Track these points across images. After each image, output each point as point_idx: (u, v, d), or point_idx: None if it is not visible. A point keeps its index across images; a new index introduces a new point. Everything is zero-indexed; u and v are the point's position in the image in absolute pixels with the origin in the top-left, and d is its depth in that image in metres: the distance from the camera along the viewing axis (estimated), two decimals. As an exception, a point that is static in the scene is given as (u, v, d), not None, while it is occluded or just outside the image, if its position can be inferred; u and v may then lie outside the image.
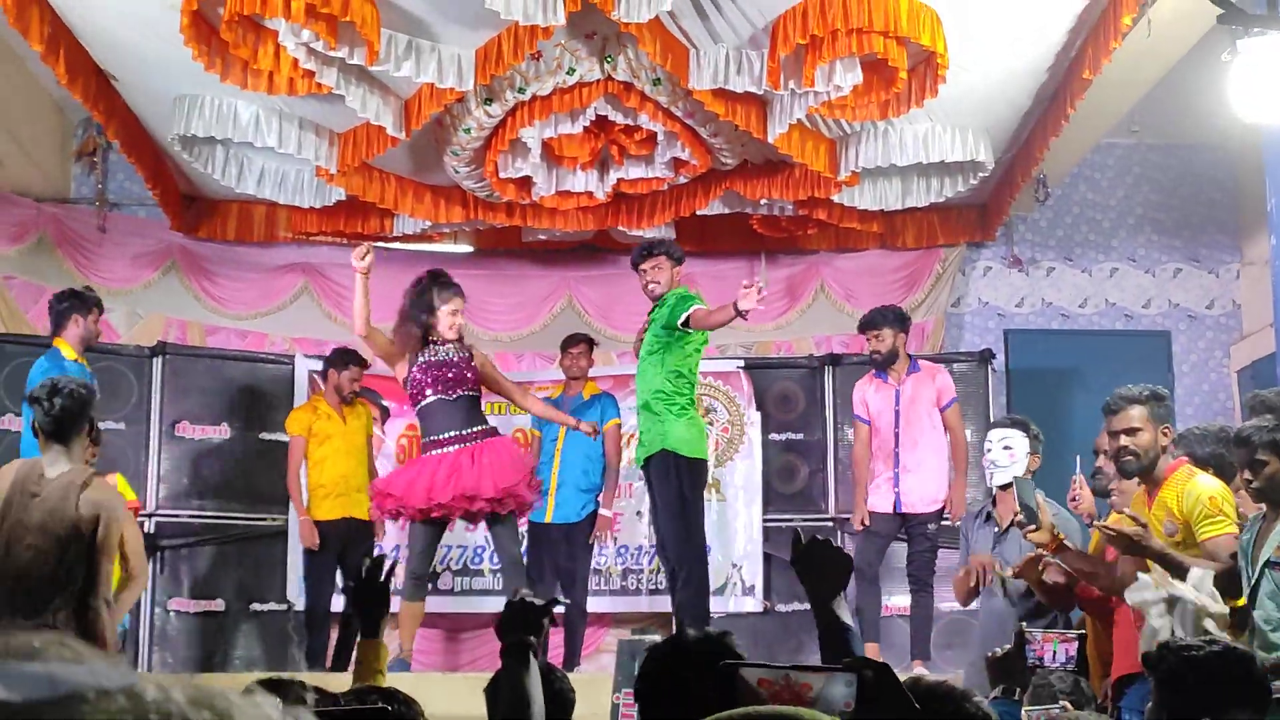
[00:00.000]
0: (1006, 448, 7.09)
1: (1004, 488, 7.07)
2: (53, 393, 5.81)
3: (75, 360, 8.06)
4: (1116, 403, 5.73)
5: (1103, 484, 6.68)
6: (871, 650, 8.40)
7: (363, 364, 9.05)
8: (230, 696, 0.62)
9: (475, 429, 7.78)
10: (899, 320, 8.72)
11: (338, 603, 8.85)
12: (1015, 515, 6.12)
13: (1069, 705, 4.65)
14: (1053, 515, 6.07)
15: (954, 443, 8.66)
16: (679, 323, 7.56)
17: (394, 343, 7.87)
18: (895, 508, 8.58)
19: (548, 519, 8.87)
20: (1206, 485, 5.50)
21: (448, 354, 7.81)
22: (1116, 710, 5.73)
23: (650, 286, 7.85)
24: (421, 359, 7.77)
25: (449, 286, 7.94)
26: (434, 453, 7.75)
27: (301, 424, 8.94)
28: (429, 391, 7.76)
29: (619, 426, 9.14)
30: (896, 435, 8.60)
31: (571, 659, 8.57)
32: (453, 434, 7.73)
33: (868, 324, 8.72)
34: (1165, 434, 5.66)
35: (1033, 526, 5.88)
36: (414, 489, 7.66)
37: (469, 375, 7.80)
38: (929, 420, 8.62)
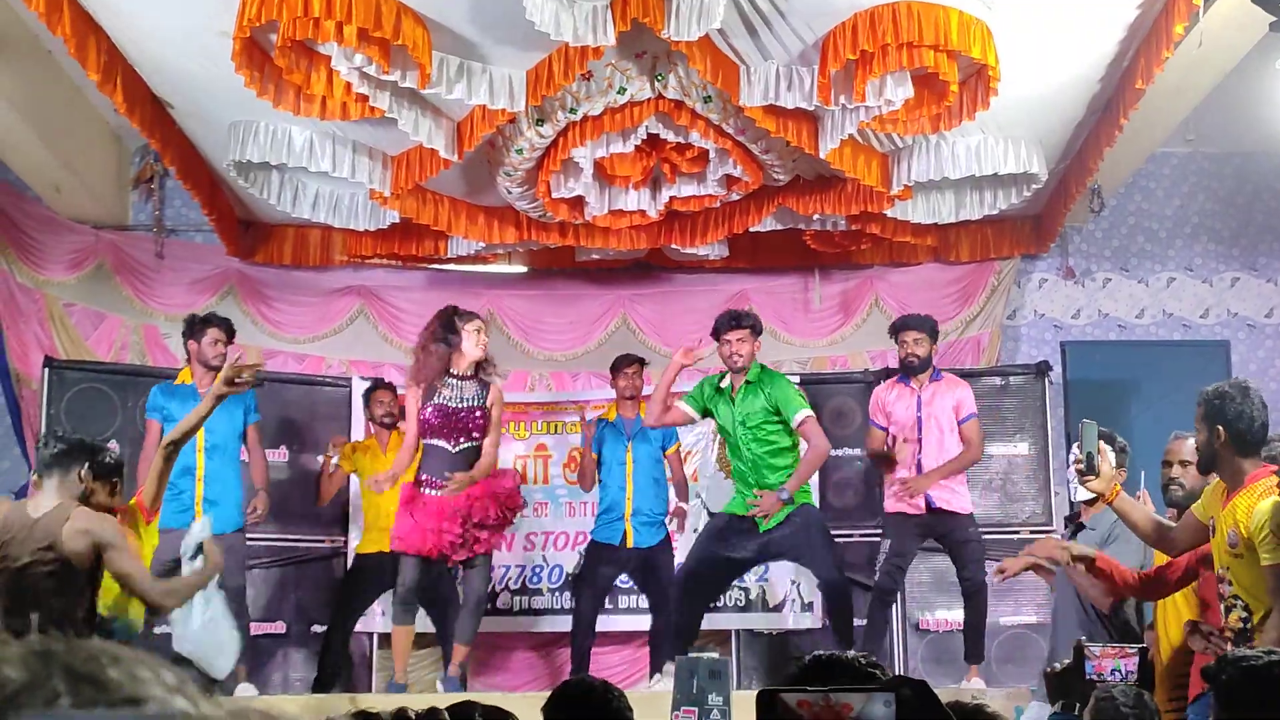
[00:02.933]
0: None
1: (1088, 502, 6.93)
2: (54, 439, 6.18)
3: (184, 383, 8.52)
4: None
5: (1176, 495, 6.55)
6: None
7: (391, 390, 9.19)
8: None
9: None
10: (934, 328, 8.81)
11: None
12: (1076, 463, 6.01)
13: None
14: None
15: (966, 451, 8.58)
16: (796, 427, 8.11)
17: (414, 375, 8.16)
18: (928, 505, 8.49)
19: (628, 544, 8.87)
20: (1274, 508, 5.38)
21: (463, 399, 8.03)
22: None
23: (734, 359, 8.17)
24: (438, 399, 8.00)
25: (469, 313, 8.25)
26: (427, 492, 7.99)
27: (347, 466, 9.34)
28: (435, 438, 8.02)
29: (680, 448, 9.28)
30: (920, 441, 8.54)
31: (658, 665, 8.62)
32: (441, 480, 7.95)
33: (905, 327, 8.69)
34: (1219, 434, 5.59)
35: (1091, 476, 5.78)
36: (419, 534, 7.91)
37: (477, 422, 8.02)
38: (949, 429, 8.58)
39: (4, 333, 10.29)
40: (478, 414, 8.04)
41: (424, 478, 8.04)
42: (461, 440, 8.02)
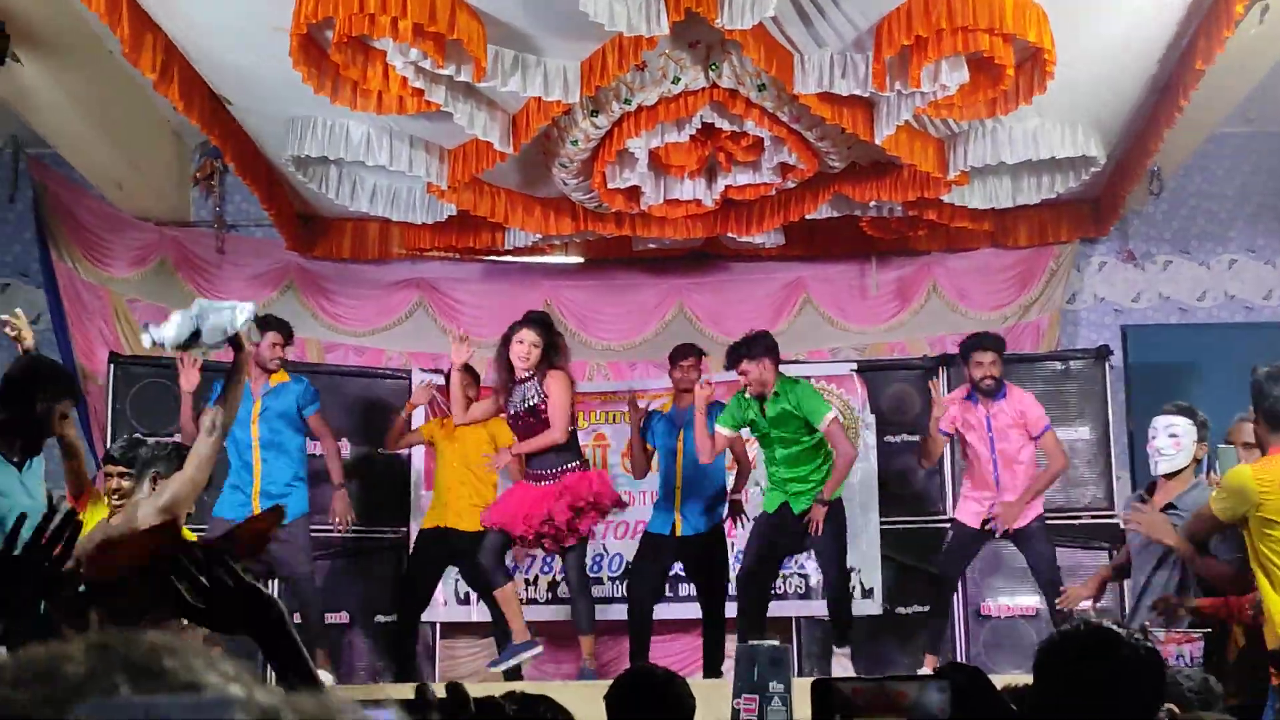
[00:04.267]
0: (1172, 435, 6.76)
1: (1168, 476, 6.84)
2: (133, 444, 6.03)
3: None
4: (1243, 414, 5.70)
5: None
6: (929, 663, 8.46)
7: (470, 372, 9.29)
8: (347, 717, 0.63)
9: (558, 469, 8.36)
10: (1004, 345, 8.89)
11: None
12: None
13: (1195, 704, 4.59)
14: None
15: (1051, 465, 8.66)
16: (822, 432, 8.30)
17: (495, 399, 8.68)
18: (982, 525, 8.60)
19: (676, 532, 8.89)
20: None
21: (524, 400, 8.38)
22: None
23: (754, 387, 8.35)
24: (510, 407, 8.46)
25: (523, 321, 8.52)
26: (529, 481, 8.45)
27: (425, 432, 9.54)
28: (516, 439, 8.54)
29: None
30: (994, 460, 8.58)
31: (713, 666, 8.72)
32: (540, 471, 8.36)
33: (980, 347, 8.66)
34: (1259, 415, 5.58)
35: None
36: (512, 517, 8.34)
37: (540, 417, 8.32)
38: (1021, 445, 8.60)
39: (70, 330, 10.41)
40: (538, 409, 8.30)
41: (529, 471, 8.53)
42: (524, 438, 8.41)
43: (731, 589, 9.14)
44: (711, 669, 8.70)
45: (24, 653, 0.63)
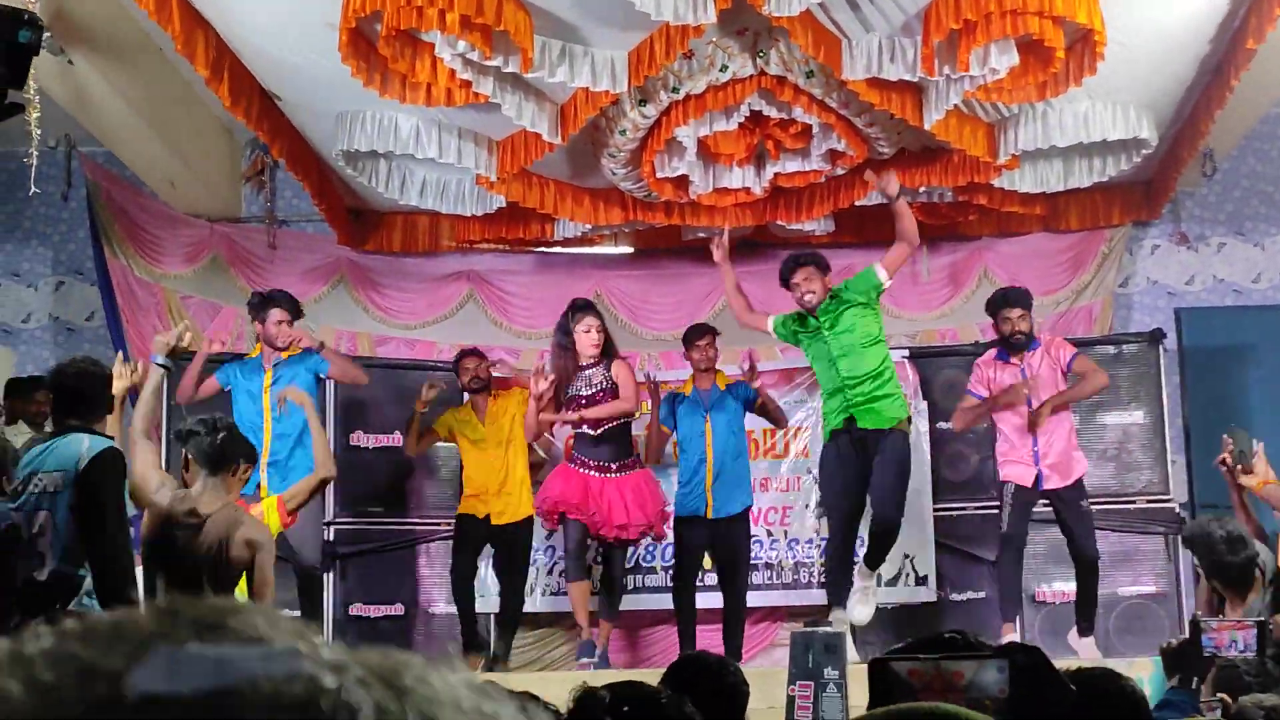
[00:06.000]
0: None
1: None
2: (213, 429, 6.02)
3: (255, 356, 8.74)
4: None
5: None
6: (1007, 631, 8.35)
7: (478, 355, 9.27)
8: (416, 671, 0.63)
9: (618, 462, 8.60)
10: (1032, 300, 8.78)
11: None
12: (1224, 458, 6.61)
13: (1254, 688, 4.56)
14: None
15: (1093, 379, 8.58)
16: (885, 280, 8.12)
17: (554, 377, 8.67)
18: (1037, 484, 8.46)
19: (708, 514, 8.84)
20: None
21: (591, 386, 8.51)
22: None
23: (807, 298, 8.13)
24: (571, 391, 8.56)
25: (581, 309, 8.68)
26: (582, 470, 8.60)
27: (443, 425, 9.25)
28: (580, 426, 8.64)
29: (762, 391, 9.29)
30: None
31: (734, 654, 8.50)
32: (597, 463, 8.57)
33: (1007, 303, 8.58)
34: None
35: (1241, 468, 6.45)
36: (575, 492, 8.50)
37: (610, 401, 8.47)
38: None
39: (125, 327, 10.50)
40: (608, 393, 8.49)
41: (577, 458, 8.69)
42: (599, 426, 8.56)
43: (769, 576, 9.14)
44: (733, 657, 8.47)
45: (90, 616, 0.65)
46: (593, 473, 8.52)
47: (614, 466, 8.59)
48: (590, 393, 8.53)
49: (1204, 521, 6.78)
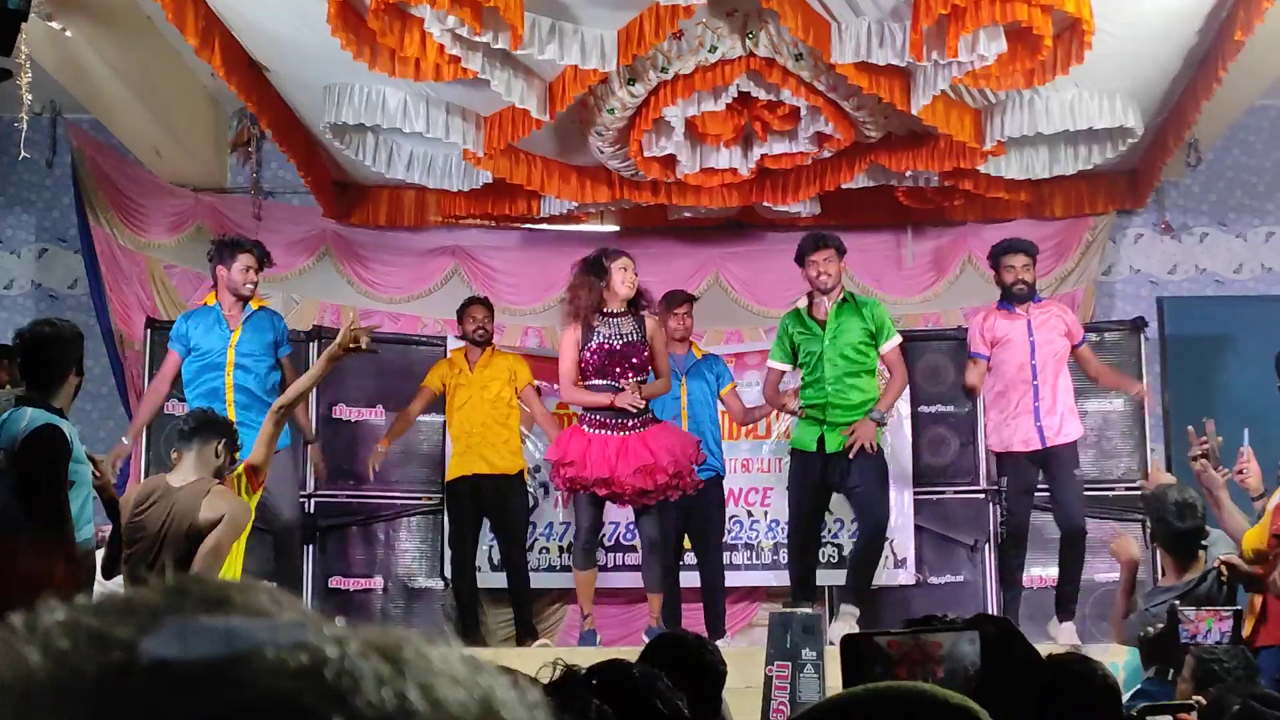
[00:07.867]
0: None
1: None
2: (192, 413, 6.13)
3: (206, 305, 8.48)
4: None
5: None
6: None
7: (486, 306, 9.32)
8: (414, 646, 0.66)
9: (638, 417, 8.00)
10: (1036, 249, 8.75)
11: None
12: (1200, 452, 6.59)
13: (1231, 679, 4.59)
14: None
15: (1099, 372, 8.71)
16: (889, 346, 8.24)
17: (569, 312, 8.18)
18: (1041, 443, 8.39)
19: None
20: None
21: (622, 335, 8.00)
22: None
23: (822, 278, 8.17)
24: (596, 339, 7.97)
25: (616, 251, 8.27)
26: (598, 432, 7.97)
27: (435, 376, 9.24)
28: (598, 378, 7.99)
29: (735, 388, 9.31)
30: (1034, 367, 8.43)
31: (715, 631, 8.48)
32: (616, 419, 7.96)
33: (1012, 250, 8.57)
34: None
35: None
36: (595, 462, 7.88)
37: (642, 356, 8.00)
38: (1061, 357, 8.52)
39: (108, 295, 10.49)
40: (641, 348, 8.02)
41: (590, 417, 8.05)
42: (630, 375, 7.98)
43: (749, 557, 9.13)
44: (715, 634, 8.35)
45: (102, 594, 0.68)
46: (614, 433, 7.95)
47: (637, 422, 7.95)
48: (620, 344, 7.95)
49: (1164, 486, 6.84)
